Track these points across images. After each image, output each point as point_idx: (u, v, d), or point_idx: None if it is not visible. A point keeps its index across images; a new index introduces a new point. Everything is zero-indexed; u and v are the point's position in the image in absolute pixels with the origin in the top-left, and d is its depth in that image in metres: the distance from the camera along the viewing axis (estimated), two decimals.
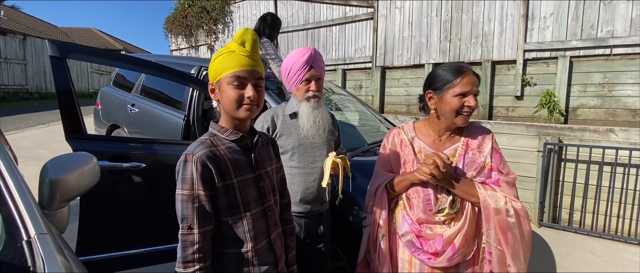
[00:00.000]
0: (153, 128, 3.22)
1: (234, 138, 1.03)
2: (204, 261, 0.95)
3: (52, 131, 7.67)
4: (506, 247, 1.15)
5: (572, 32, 4.05)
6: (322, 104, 1.57)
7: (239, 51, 0.98)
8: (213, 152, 0.98)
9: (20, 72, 15.79)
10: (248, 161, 1.05)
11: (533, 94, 4.35)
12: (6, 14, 17.02)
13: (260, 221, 1.05)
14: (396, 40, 5.38)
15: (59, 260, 0.72)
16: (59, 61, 1.70)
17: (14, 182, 0.77)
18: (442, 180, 1.17)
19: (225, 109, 1.01)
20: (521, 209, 1.17)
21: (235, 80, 0.96)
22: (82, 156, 1.18)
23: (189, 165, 0.94)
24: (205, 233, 0.95)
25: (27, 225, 0.73)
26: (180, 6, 9.41)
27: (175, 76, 2.09)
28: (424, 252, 1.23)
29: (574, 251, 3.10)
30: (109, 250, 1.82)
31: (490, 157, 1.22)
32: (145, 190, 1.93)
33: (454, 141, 1.27)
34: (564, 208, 3.62)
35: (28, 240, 0.71)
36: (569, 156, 3.55)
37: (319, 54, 1.55)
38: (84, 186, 1.13)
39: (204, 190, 0.94)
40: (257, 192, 1.05)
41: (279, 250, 1.11)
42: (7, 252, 0.68)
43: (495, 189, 1.19)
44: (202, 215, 0.94)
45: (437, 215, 1.22)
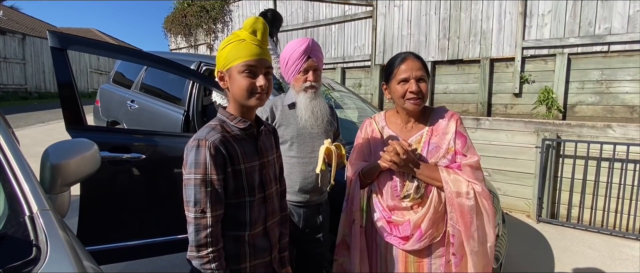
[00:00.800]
0: (153, 123, 3.23)
1: (242, 126, 1.04)
2: (216, 244, 0.96)
3: (51, 129, 7.67)
4: (463, 228, 1.19)
5: (570, 30, 4.07)
6: (319, 94, 1.58)
7: (249, 40, 0.99)
8: (225, 137, 0.99)
9: (20, 72, 15.78)
10: (254, 149, 1.07)
11: (531, 91, 4.37)
12: (5, 14, 17.02)
13: (259, 207, 1.07)
14: (395, 38, 5.40)
15: (61, 234, 0.73)
16: (59, 52, 1.71)
17: (16, 160, 0.78)
18: (404, 166, 1.19)
19: (236, 98, 1.01)
20: (482, 191, 1.19)
21: (247, 69, 0.97)
22: (83, 143, 1.19)
23: (202, 150, 0.94)
24: (217, 216, 0.96)
25: (29, 201, 0.74)
26: (179, 5, 9.42)
27: (175, 68, 2.10)
28: (394, 236, 1.27)
29: (573, 246, 3.11)
30: (108, 241, 1.82)
31: (454, 141, 1.24)
32: (145, 182, 1.94)
33: (420, 127, 1.29)
34: (562, 204, 3.64)
35: (30, 215, 0.72)
36: (567, 152, 3.56)
37: (317, 45, 1.56)
38: (84, 172, 1.14)
39: (216, 174, 0.95)
40: (259, 179, 1.07)
41: (274, 237, 1.13)
42: (10, 226, 0.69)
43: (458, 173, 1.21)
44: (214, 199, 0.95)
45: (403, 201, 1.25)
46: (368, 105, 3.65)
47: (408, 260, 1.27)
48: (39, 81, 16.76)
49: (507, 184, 3.88)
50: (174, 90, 3.22)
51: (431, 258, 1.26)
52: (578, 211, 3.56)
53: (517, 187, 3.85)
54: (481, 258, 1.21)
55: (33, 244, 0.68)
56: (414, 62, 1.22)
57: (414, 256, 1.26)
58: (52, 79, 17.37)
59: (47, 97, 16.19)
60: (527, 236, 3.33)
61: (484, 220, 1.21)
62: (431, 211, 1.22)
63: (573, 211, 3.58)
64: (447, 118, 1.27)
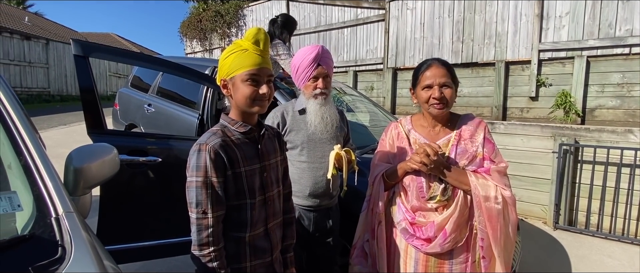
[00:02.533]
0: (169, 126, 3.31)
1: (243, 130, 1.08)
2: (217, 244, 1.00)
3: (73, 131, 7.95)
4: (491, 232, 1.20)
5: (589, 31, 3.97)
6: (329, 101, 1.60)
7: (252, 50, 1.03)
8: (225, 142, 1.03)
9: (43, 76, 16.41)
10: (255, 153, 1.10)
11: (548, 94, 4.27)
12: (30, 20, 17.75)
13: (260, 209, 1.10)
14: (408, 41, 5.38)
15: (84, 236, 0.77)
16: (82, 59, 1.79)
17: (43, 163, 0.83)
18: (433, 168, 1.22)
19: (239, 105, 1.05)
20: (510, 197, 1.22)
21: (251, 78, 1.01)
22: (104, 147, 1.24)
23: (203, 154, 0.99)
24: (218, 217, 1.01)
25: (55, 203, 0.78)
26: (195, 10, 9.63)
27: (191, 74, 2.16)
28: (417, 238, 1.28)
29: (591, 254, 3.02)
30: (125, 241, 1.88)
31: (483, 147, 1.27)
32: (160, 184, 2.00)
33: (447, 132, 1.32)
34: (581, 210, 3.53)
35: (56, 217, 0.76)
36: (586, 157, 3.47)
37: (327, 52, 1.58)
38: (105, 175, 1.19)
39: (216, 176, 1.00)
40: (260, 182, 1.10)
41: (275, 239, 1.16)
42: (38, 227, 0.74)
43: (486, 178, 1.23)
44: (215, 200, 1.00)
45: (429, 202, 1.27)
46: (380, 109, 3.64)
47: (429, 263, 1.28)
48: (61, 85, 17.38)
49: (522, 189, 3.80)
50: (189, 94, 3.30)
51: (453, 263, 1.26)
52: (597, 219, 3.45)
53: (532, 193, 3.77)
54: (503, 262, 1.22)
55: (59, 244, 0.72)
56: (438, 69, 1.25)
57: (435, 259, 1.27)
58: (73, 83, 17.99)
59: (69, 100, 16.77)
60: (543, 243, 3.25)
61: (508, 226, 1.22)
62: (457, 213, 1.23)
63: (592, 219, 3.47)
64: (474, 124, 1.30)
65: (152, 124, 3.58)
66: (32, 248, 0.71)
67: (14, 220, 0.76)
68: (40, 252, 0.70)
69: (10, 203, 0.73)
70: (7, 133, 0.88)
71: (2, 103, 0.93)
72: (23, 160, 0.83)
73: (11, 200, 0.74)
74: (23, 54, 15.47)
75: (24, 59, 15.48)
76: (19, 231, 0.74)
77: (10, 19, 16.12)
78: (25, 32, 15.54)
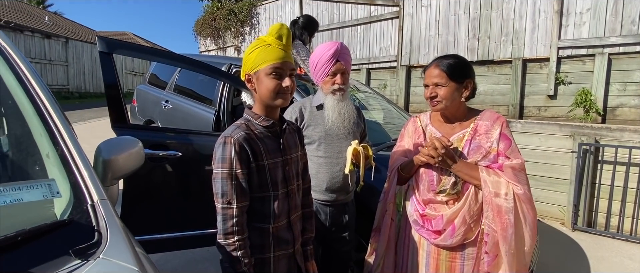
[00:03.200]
0: (185, 123, 3.38)
1: (265, 124, 1.11)
2: (242, 233, 1.03)
3: (92, 127, 8.17)
4: (500, 228, 1.20)
5: (611, 28, 3.86)
6: (347, 97, 1.62)
7: (275, 45, 1.06)
8: (248, 135, 1.06)
9: (63, 73, 16.90)
10: (277, 146, 1.13)
11: (567, 93, 4.18)
12: (50, 19, 18.30)
13: (283, 201, 1.13)
14: (422, 39, 5.33)
15: (118, 221, 0.80)
16: (106, 56, 1.84)
17: (78, 153, 0.87)
18: (441, 161, 1.24)
19: (263, 98, 1.08)
20: (523, 194, 1.21)
21: (274, 71, 1.04)
22: (130, 140, 1.28)
23: (228, 146, 1.03)
24: (242, 207, 1.04)
25: (90, 191, 0.82)
26: (209, 9, 9.75)
27: (211, 71, 2.20)
28: (426, 230, 1.31)
29: (611, 256, 2.95)
30: (146, 233, 1.94)
31: (498, 142, 1.27)
32: (180, 177, 2.05)
33: (464, 126, 1.34)
34: (600, 211, 3.45)
35: (92, 203, 0.80)
36: (606, 157, 3.38)
37: (346, 48, 1.59)
38: (131, 167, 1.23)
39: (241, 168, 1.03)
40: (282, 175, 1.13)
41: (296, 230, 1.19)
42: (75, 213, 0.78)
43: (498, 174, 1.23)
44: (239, 191, 1.03)
45: (439, 195, 1.29)
46: (394, 106, 3.63)
47: (440, 257, 1.29)
48: (80, 82, 17.87)
49: (539, 190, 3.73)
50: (206, 91, 3.36)
51: (464, 258, 1.27)
52: (618, 220, 3.36)
53: (550, 193, 3.70)
54: (516, 261, 1.21)
55: (95, 230, 0.76)
56: (432, 70, 1.31)
57: (447, 252, 1.28)
58: (91, 80, 18.46)
59: (87, 97, 17.23)
60: (561, 244, 3.19)
61: (522, 224, 1.21)
62: (466, 208, 1.24)
63: (612, 220, 3.39)
64: (492, 120, 1.31)
65: (169, 120, 3.66)
66: (71, 233, 0.74)
67: (52, 205, 0.80)
68: (78, 236, 0.74)
69: (49, 190, 0.77)
70: (44, 124, 0.92)
71: (39, 96, 0.97)
72: (59, 149, 0.87)
73: (50, 186, 0.77)
74: (44, 52, 15.97)
75: (45, 57, 15.98)
76: (58, 217, 0.78)
77: (31, 19, 16.65)
78: (45, 31, 16.03)
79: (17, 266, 0.65)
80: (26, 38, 15.06)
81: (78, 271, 0.66)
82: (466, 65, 1.31)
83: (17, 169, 0.97)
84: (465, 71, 1.30)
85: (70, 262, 0.68)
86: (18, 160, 0.99)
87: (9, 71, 1.03)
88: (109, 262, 0.70)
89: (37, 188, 0.75)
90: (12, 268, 0.64)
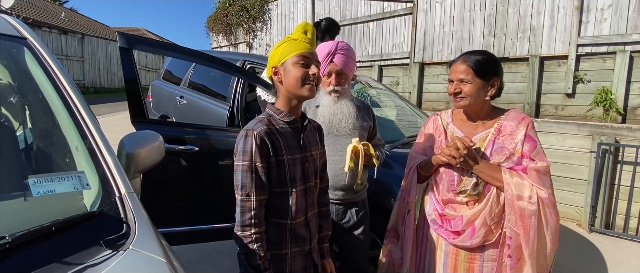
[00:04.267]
0: (200, 118, 3.42)
1: (287, 119, 1.12)
2: (259, 226, 1.05)
3: (107, 122, 8.34)
4: (522, 232, 1.18)
5: (634, 25, 3.74)
6: (343, 98, 1.57)
7: (301, 39, 1.10)
8: (270, 129, 1.07)
9: (79, 69, 17.27)
10: (297, 143, 1.13)
11: (586, 91, 4.07)
12: (67, 16, 18.68)
13: (301, 198, 1.13)
14: (436, 35, 5.26)
15: (144, 214, 0.82)
16: (126, 51, 1.87)
17: (106, 148, 0.89)
18: (463, 162, 1.21)
19: (289, 89, 1.09)
20: (547, 198, 1.18)
21: (302, 59, 1.07)
22: (151, 135, 1.30)
23: (250, 139, 1.04)
24: (261, 201, 1.05)
25: (118, 183, 0.84)
26: (221, 5, 9.81)
27: (227, 67, 2.22)
28: (445, 230, 1.29)
29: (629, 259, 2.88)
30: (165, 226, 1.97)
31: (522, 144, 1.23)
32: (197, 172, 2.08)
33: (487, 126, 1.30)
34: (619, 213, 3.37)
35: (120, 196, 0.82)
36: (627, 157, 3.29)
37: (346, 49, 1.55)
38: (153, 160, 1.26)
39: (261, 162, 1.04)
40: (301, 171, 1.13)
41: (313, 228, 1.19)
42: (104, 205, 0.80)
43: (522, 176, 1.20)
44: (259, 184, 1.04)
45: (459, 196, 1.27)
46: (407, 103, 3.60)
47: (459, 257, 1.27)
48: (95, 78, 18.24)
49: (556, 190, 3.59)
50: (220, 87, 3.39)
51: (484, 259, 1.25)
52: (637, 223, 3.28)
53: (566, 194, 3.62)
54: (537, 263, 1.19)
55: (123, 221, 0.78)
56: (458, 66, 1.27)
57: (465, 253, 1.27)
58: (106, 76, 18.82)
59: (102, 92, 17.58)
60: (577, 246, 3.13)
61: (544, 228, 1.18)
62: (487, 210, 1.21)
63: (631, 222, 3.30)
64: (517, 120, 1.27)
65: (184, 115, 3.71)
66: (101, 224, 0.77)
67: (82, 197, 0.83)
68: (107, 227, 0.76)
69: (80, 182, 0.79)
70: (72, 118, 0.95)
71: (67, 91, 1.00)
72: (88, 143, 0.90)
73: (80, 179, 0.80)
74: (61, 48, 16.33)
75: (61, 53, 16.34)
76: (88, 208, 0.80)
77: (48, 15, 17.03)
78: (62, 27, 16.38)
79: (52, 255, 0.67)
80: (44, 34, 15.42)
81: (109, 261, 0.68)
82: (494, 62, 1.27)
83: (48, 161, 1.00)
84: (493, 69, 1.26)
85: (102, 252, 0.70)
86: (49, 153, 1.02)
87: (37, 66, 1.06)
88: (138, 253, 0.72)
89: (68, 180, 0.78)
90: (46, 257, 0.66)
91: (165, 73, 4.55)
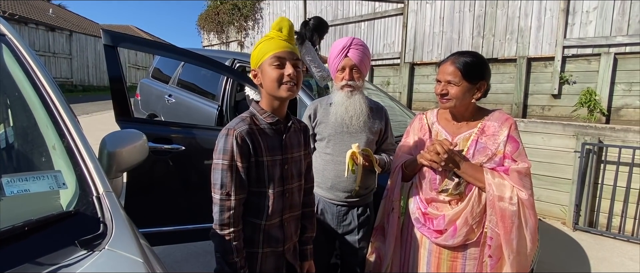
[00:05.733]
0: (189, 117, 3.39)
1: (270, 120, 1.11)
2: (237, 225, 1.04)
3: (95, 120, 8.21)
4: (503, 232, 1.19)
5: (618, 28, 3.82)
6: (358, 93, 1.56)
7: (276, 37, 1.07)
8: (251, 129, 1.07)
9: (67, 66, 16.95)
10: (278, 144, 1.13)
11: (572, 92, 4.15)
12: (54, 12, 18.31)
13: (278, 200, 1.12)
14: (426, 36, 5.31)
15: (123, 214, 0.81)
16: (111, 49, 1.85)
17: (83, 145, 0.88)
18: (444, 165, 1.23)
19: (268, 91, 1.08)
20: (527, 199, 1.19)
21: (276, 60, 1.05)
22: (134, 133, 1.29)
23: (230, 139, 1.03)
24: (240, 200, 1.05)
25: (96, 183, 0.83)
26: (212, 3, 9.73)
27: (214, 66, 2.20)
28: (427, 228, 1.30)
29: (612, 257, 2.95)
30: (149, 226, 1.95)
31: (505, 145, 1.24)
32: (183, 171, 2.06)
33: (471, 126, 1.31)
34: (602, 212, 3.44)
35: (97, 195, 0.81)
36: (610, 157, 3.37)
37: (361, 45, 1.54)
38: (135, 160, 1.24)
39: (241, 161, 1.04)
40: (280, 173, 1.12)
41: (289, 231, 1.17)
42: (81, 204, 0.79)
43: (503, 177, 1.21)
44: (238, 184, 1.04)
45: (441, 195, 1.28)
46: (397, 103, 3.62)
47: (442, 256, 1.29)
48: (83, 75, 17.93)
49: (541, 189, 3.73)
50: (209, 86, 3.36)
51: (466, 258, 1.26)
52: (619, 221, 3.36)
53: (552, 193, 3.69)
54: (517, 262, 1.20)
55: (100, 221, 0.77)
56: (447, 67, 1.27)
57: (448, 252, 1.28)
58: (95, 73, 18.51)
59: (90, 90, 17.29)
60: (562, 244, 3.19)
61: (523, 228, 1.20)
62: (469, 209, 1.23)
63: (614, 221, 3.38)
64: (500, 121, 1.27)
65: (173, 114, 3.67)
66: (77, 224, 0.75)
67: (58, 197, 0.82)
68: (83, 227, 0.75)
69: (56, 181, 0.78)
70: (50, 116, 0.93)
71: (46, 89, 0.98)
72: (66, 142, 0.88)
73: (57, 178, 0.78)
74: (48, 44, 16.01)
75: (49, 50, 16.03)
76: (64, 208, 0.79)
77: (35, 11, 16.67)
78: (49, 24, 16.06)
79: (24, 256, 0.66)
80: (30, 30, 15.10)
81: (84, 261, 0.67)
82: (483, 65, 1.27)
83: (24, 160, 0.98)
84: (481, 72, 1.26)
85: (76, 252, 0.69)
86: (25, 151, 1.00)
87: (15, 63, 1.03)
88: (114, 253, 0.71)
89: (43, 179, 0.76)
90: (19, 258, 0.65)
91: (154, 71, 4.49)
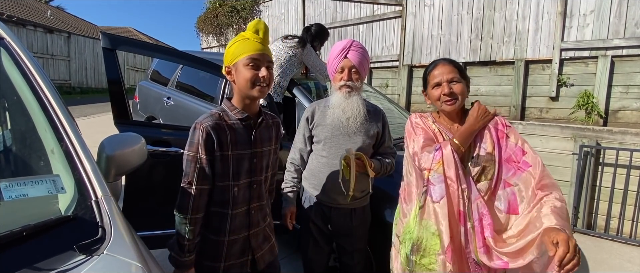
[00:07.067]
0: (187, 119, 3.38)
1: (240, 116, 1.16)
2: (195, 212, 1.10)
3: (93, 122, 8.19)
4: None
5: (615, 31, 3.85)
6: (356, 95, 1.55)
7: (253, 38, 1.12)
8: (218, 124, 1.12)
9: (65, 68, 16.91)
10: (247, 139, 1.18)
11: (569, 94, 4.17)
12: (53, 14, 18.29)
13: (245, 191, 1.19)
14: (425, 38, 5.32)
15: (121, 218, 0.81)
16: (110, 52, 1.85)
17: (82, 150, 0.88)
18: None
19: (240, 89, 1.13)
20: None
21: (251, 62, 1.10)
22: (133, 136, 1.28)
23: (197, 132, 1.10)
24: (201, 190, 1.11)
25: (95, 187, 0.83)
26: (211, 6, 9.74)
27: (213, 69, 2.20)
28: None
29: (610, 259, 2.96)
30: (148, 229, 1.94)
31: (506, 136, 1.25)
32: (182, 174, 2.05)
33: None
34: (601, 214, 3.45)
35: (96, 200, 0.81)
36: (608, 160, 3.38)
37: (360, 47, 1.55)
38: (134, 163, 1.24)
39: (205, 154, 1.09)
40: (248, 166, 1.18)
41: (255, 218, 1.25)
42: (79, 209, 0.78)
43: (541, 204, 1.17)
44: (201, 175, 1.10)
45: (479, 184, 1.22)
46: (395, 106, 3.63)
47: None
48: (81, 77, 17.88)
49: None
50: (207, 88, 3.36)
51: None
52: (617, 223, 3.37)
53: None
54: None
55: (99, 225, 0.76)
56: (445, 67, 1.26)
57: None
58: (93, 76, 18.48)
59: (89, 92, 17.25)
60: None
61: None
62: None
63: (612, 223, 3.39)
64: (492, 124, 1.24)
65: (171, 117, 3.67)
66: (75, 228, 0.75)
67: (57, 201, 0.81)
68: (82, 231, 0.75)
69: (54, 186, 0.78)
70: (48, 120, 0.93)
71: (44, 92, 0.98)
72: (64, 146, 0.88)
73: (55, 182, 0.78)
74: (46, 46, 15.97)
75: (47, 52, 15.99)
76: (62, 212, 0.78)
77: (34, 13, 16.64)
78: (48, 26, 16.03)
79: (23, 261, 0.66)
80: (28, 32, 15.07)
81: (82, 266, 0.67)
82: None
83: (22, 164, 0.98)
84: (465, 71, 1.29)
85: (75, 257, 0.69)
86: (23, 156, 1.00)
87: (13, 66, 1.03)
88: (113, 258, 0.71)
89: (42, 183, 0.76)
90: (17, 263, 0.65)
91: (152, 73, 4.49)
